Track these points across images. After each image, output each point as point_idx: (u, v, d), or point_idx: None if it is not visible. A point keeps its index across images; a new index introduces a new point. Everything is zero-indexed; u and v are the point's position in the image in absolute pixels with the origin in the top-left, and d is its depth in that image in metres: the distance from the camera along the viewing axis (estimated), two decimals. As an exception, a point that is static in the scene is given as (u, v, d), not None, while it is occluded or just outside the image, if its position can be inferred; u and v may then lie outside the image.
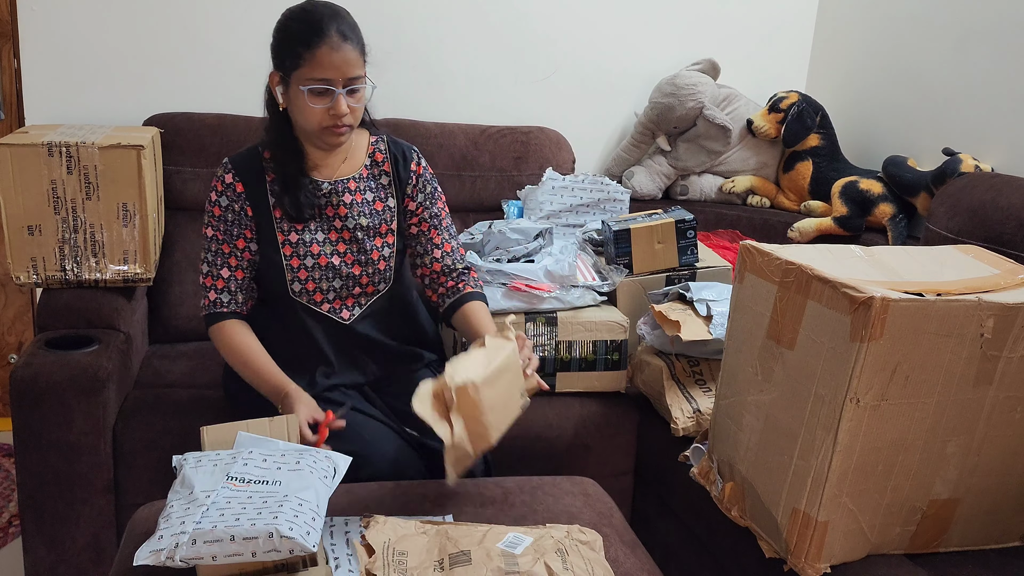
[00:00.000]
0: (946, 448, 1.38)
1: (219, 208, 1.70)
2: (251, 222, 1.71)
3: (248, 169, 1.71)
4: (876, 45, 2.72)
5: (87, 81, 2.43)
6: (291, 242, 1.72)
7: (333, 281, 1.75)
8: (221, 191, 1.70)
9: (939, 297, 1.28)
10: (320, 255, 1.73)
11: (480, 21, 2.71)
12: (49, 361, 1.80)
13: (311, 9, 1.64)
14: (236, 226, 1.70)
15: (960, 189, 2.05)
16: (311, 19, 1.61)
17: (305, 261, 1.72)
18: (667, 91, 2.69)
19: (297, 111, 1.65)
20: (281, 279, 1.72)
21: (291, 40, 1.61)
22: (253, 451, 1.36)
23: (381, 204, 1.78)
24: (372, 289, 1.79)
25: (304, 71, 1.60)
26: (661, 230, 2.14)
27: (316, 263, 1.73)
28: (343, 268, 1.75)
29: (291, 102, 1.66)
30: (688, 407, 1.89)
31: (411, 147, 1.84)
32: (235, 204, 1.69)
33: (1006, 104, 2.26)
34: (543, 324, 1.99)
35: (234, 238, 1.70)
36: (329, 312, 1.77)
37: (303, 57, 1.59)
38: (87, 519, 1.84)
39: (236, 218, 1.70)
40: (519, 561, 1.25)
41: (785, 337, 1.39)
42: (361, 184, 1.77)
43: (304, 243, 1.72)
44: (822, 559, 1.38)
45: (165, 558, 1.14)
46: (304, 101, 1.61)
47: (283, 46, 1.63)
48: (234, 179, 1.70)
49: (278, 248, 1.71)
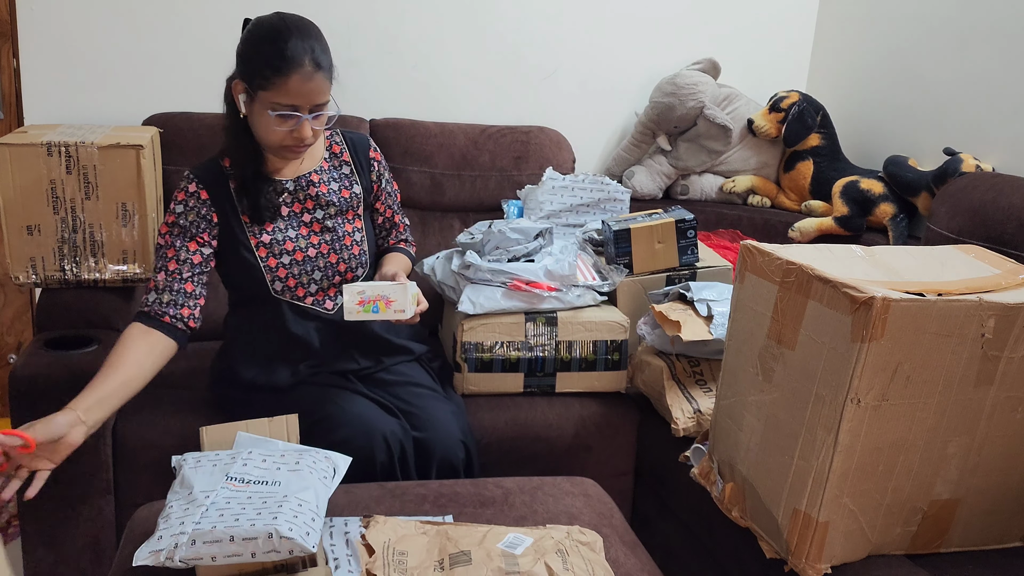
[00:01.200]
0: (947, 448, 1.38)
1: (174, 216, 1.69)
2: (214, 228, 1.71)
3: (211, 178, 1.71)
4: (877, 45, 2.72)
5: (86, 81, 2.43)
6: (264, 243, 1.73)
7: (312, 274, 1.77)
8: (182, 200, 1.69)
9: (940, 297, 1.28)
10: (295, 250, 1.75)
11: (480, 21, 2.70)
12: (48, 361, 1.80)
13: (283, 30, 1.58)
14: (190, 231, 1.68)
15: (961, 189, 2.05)
16: (283, 44, 1.56)
17: (282, 259, 1.74)
18: (667, 91, 2.69)
19: (259, 126, 1.64)
20: (261, 280, 1.74)
21: (261, 61, 1.57)
22: (252, 451, 1.36)
23: (347, 192, 1.83)
24: (351, 275, 1.82)
25: (271, 94, 1.58)
26: (661, 230, 2.14)
27: (293, 259, 1.75)
28: (319, 259, 1.77)
29: (253, 115, 1.64)
30: (688, 407, 1.89)
31: (364, 135, 1.91)
32: (199, 209, 1.69)
33: (1007, 104, 2.26)
34: (543, 324, 1.99)
35: (186, 240, 1.67)
36: (313, 304, 1.79)
37: (272, 81, 1.57)
38: (87, 519, 1.84)
39: (194, 223, 1.68)
40: (519, 561, 1.25)
41: (786, 337, 1.39)
42: (324, 176, 1.80)
43: (278, 242, 1.74)
44: (823, 559, 1.38)
45: (165, 558, 1.14)
46: (268, 121, 1.60)
47: (252, 63, 1.60)
48: (198, 187, 1.69)
49: (252, 251, 1.73)
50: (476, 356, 1.98)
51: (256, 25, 1.64)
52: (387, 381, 1.85)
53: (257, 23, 1.64)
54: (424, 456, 1.74)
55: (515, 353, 1.99)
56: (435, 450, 1.74)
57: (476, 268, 2.00)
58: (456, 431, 1.78)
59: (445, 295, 2.12)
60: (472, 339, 1.97)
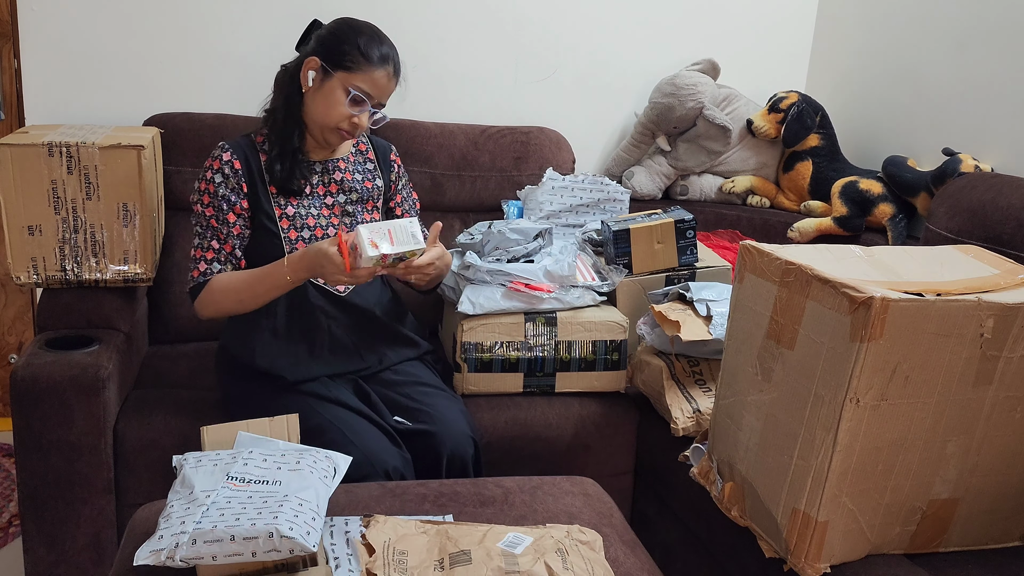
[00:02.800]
0: (946, 448, 1.38)
1: (212, 185, 1.77)
2: (245, 197, 1.78)
3: (243, 150, 1.80)
4: (876, 45, 2.72)
5: (87, 81, 2.43)
6: (288, 215, 1.80)
7: None
8: (217, 168, 1.77)
9: (939, 297, 1.29)
10: (316, 227, 1.82)
11: (480, 21, 2.71)
12: (49, 361, 1.80)
13: (383, 36, 1.78)
14: (227, 201, 1.77)
15: (960, 189, 2.05)
16: (383, 44, 1.76)
17: (302, 233, 1.81)
18: (667, 91, 2.69)
19: (324, 102, 1.75)
20: (279, 251, 1.79)
21: (356, 47, 1.73)
22: (253, 451, 1.36)
23: (369, 183, 1.91)
24: None
25: (354, 77, 1.73)
26: (661, 230, 2.14)
27: (313, 235, 1.82)
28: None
29: (321, 91, 1.75)
30: (688, 407, 1.89)
31: (388, 142, 2.03)
32: (230, 180, 1.77)
33: (1006, 104, 2.26)
34: (543, 324, 2.00)
35: (224, 212, 1.77)
36: (325, 284, 1.83)
37: (362, 67, 1.73)
38: (87, 519, 1.84)
39: (229, 193, 1.77)
40: (519, 561, 1.25)
41: (785, 337, 1.40)
42: (349, 165, 1.90)
43: (300, 216, 1.81)
44: (822, 559, 1.38)
45: (165, 558, 1.14)
46: (338, 98, 1.73)
47: (346, 46, 1.73)
48: (232, 156, 1.78)
49: (275, 221, 1.80)
50: (476, 356, 1.98)
51: (351, 21, 1.78)
52: (394, 381, 1.86)
53: (352, 20, 1.79)
54: (434, 452, 1.75)
55: (515, 353, 1.99)
56: (445, 446, 1.75)
57: (475, 269, 2.00)
58: (466, 427, 1.79)
59: (445, 295, 2.12)
60: (472, 339, 1.97)
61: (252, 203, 1.79)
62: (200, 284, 1.77)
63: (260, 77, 2.55)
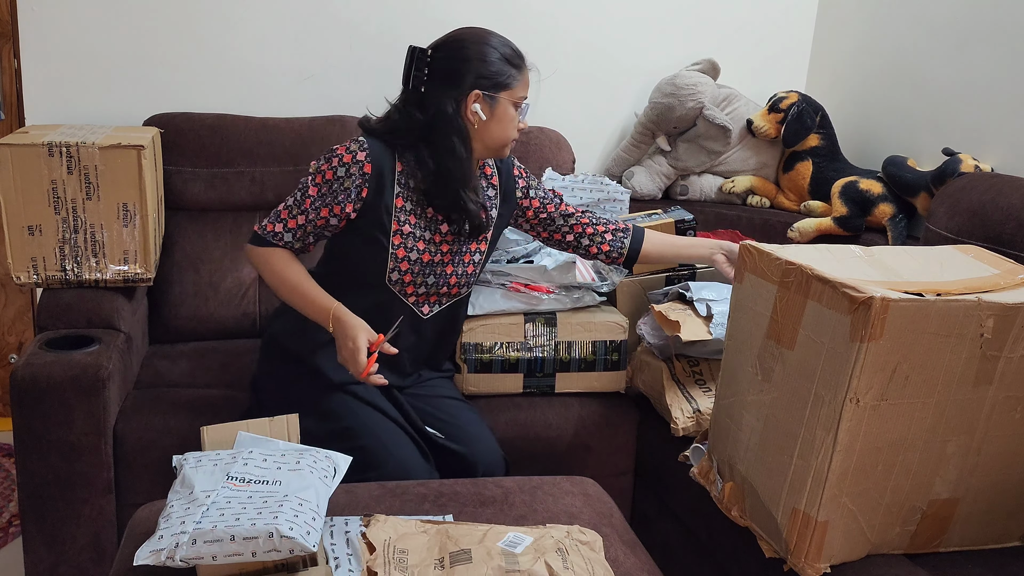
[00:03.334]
0: (946, 448, 1.38)
1: (332, 173, 1.70)
2: (359, 203, 1.72)
3: (380, 155, 1.72)
4: (876, 45, 2.72)
5: (87, 81, 2.43)
6: (403, 232, 1.75)
7: (428, 277, 1.79)
8: (347, 163, 1.70)
9: (939, 297, 1.29)
10: (424, 251, 1.77)
11: (479, 21, 2.70)
12: (49, 361, 1.80)
13: (500, 37, 1.78)
14: (335, 197, 1.70)
15: (960, 189, 2.05)
16: (508, 44, 1.77)
17: (410, 254, 1.76)
18: (667, 91, 2.69)
19: (499, 126, 1.75)
20: (383, 264, 1.75)
21: (499, 64, 1.73)
22: (253, 451, 1.36)
23: (484, 213, 1.82)
24: (456, 291, 1.85)
25: (517, 90, 1.76)
26: (661, 230, 2.14)
27: (419, 257, 1.77)
28: (439, 267, 1.79)
29: (494, 119, 1.74)
30: (688, 407, 1.89)
31: (509, 158, 1.93)
32: (353, 180, 1.70)
33: (1006, 104, 2.26)
34: (543, 324, 1.99)
35: (324, 205, 1.71)
36: (413, 304, 1.81)
37: (516, 78, 1.75)
38: (87, 519, 1.84)
39: (343, 191, 1.70)
40: (519, 560, 1.25)
41: (785, 337, 1.40)
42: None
43: (414, 236, 1.76)
44: (822, 559, 1.38)
45: (165, 558, 1.14)
46: (511, 116, 1.76)
47: (492, 67, 1.72)
48: (367, 159, 1.70)
49: (389, 234, 1.74)
50: (476, 357, 1.98)
51: (467, 38, 1.77)
52: (421, 395, 1.86)
53: (466, 38, 1.77)
54: (466, 470, 1.77)
55: (515, 354, 1.99)
56: (478, 465, 1.77)
57: (476, 268, 2.00)
58: (496, 446, 1.82)
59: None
60: (472, 340, 1.97)
61: (369, 212, 1.72)
62: (266, 240, 1.73)
63: (260, 77, 2.56)
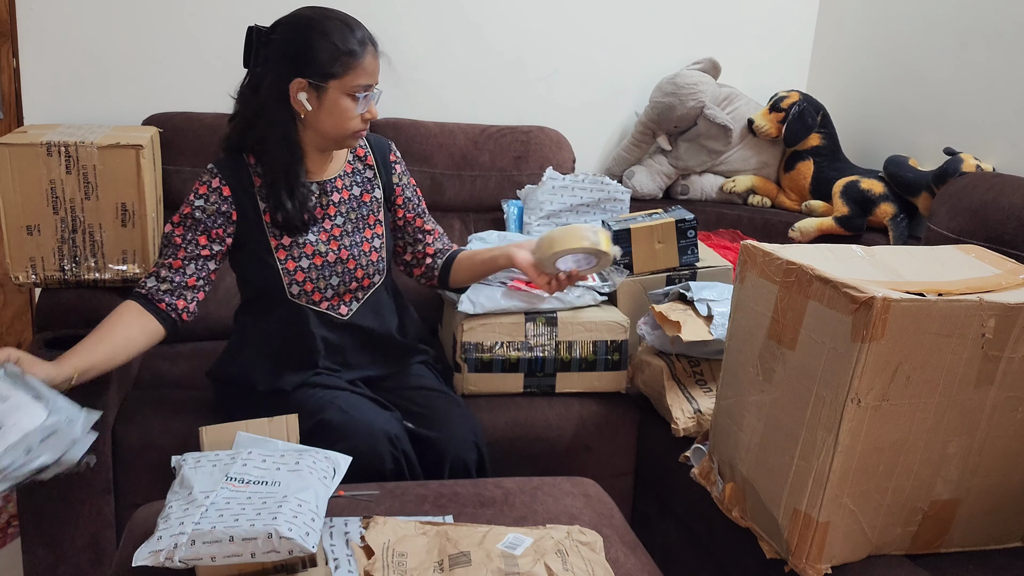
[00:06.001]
0: (947, 448, 1.38)
1: (190, 207, 1.66)
2: (231, 225, 1.69)
3: (234, 174, 1.69)
4: (877, 45, 2.72)
5: (86, 81, 2.43)
6: (284, 245, 1.71)
7: (331, 279, 1.76)
8: (204, 194, 1.67)
9: (940, 297, 1.28)
10: (315, 255, 1.73)
11: (480, 21, 2.70)
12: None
13: (342, 18, 1.64)
14: (204, 224, 1.66)
15: (961, 189, 2.05)
16: (349, 29, 1.63)
17: (301, 263, 1.72)
18: (668, 90, 2.69)
19: (331, 117, 1.65)
20: (278, 282, 1.72)
21: (331, 51, 1.61)
22: (252, 452, 1.36)
23: (368, 196, 1.81)
24: (368, 282, 1.81)
25: (349, 78, 1.62)
26: (661, 230, 2.14)
27: (312, 263, 1.73)
28: (338, 264, 1.75)
29: (323, 108, 1.64)
30: (689, 407, 1.89)
31: (385, 139, 1.89)
32: (219, 205, 1.67)
33: (1007, 104, 2.25)
34: (543, 324, 1.99)
35: (197, 234, 1.66)
36: (328, 309, 1.77)
37: (349, 65, 1.61)
38: (86, 519, 1.84)
39: (210, 217, 1.67)
40: (519, 562, 1.25)
41: (786, 337, 1.39)
42: (347, 180, 1.79)
43: (298, 245, 1.72)
44: (823, 560, 1.38)
45: (164, 559, 1.14)
46: (345, 107, 1.63)
47: (319, 55, 1.61)
48: (221, 183, 1.67)
49: (271, 252, 1.71)
50: (476, 356, 1.97)
51: (301, 21, 1.64)
52: (398, 385, 1.84)
53: (300, 20, 1.65)
54: (436, 457, 1.73)
55: (515, 353, 1.99)
56: (447, 451, 1.73)
57: (476, 268, 2.00)
58: (468, 433, 1.77)
59: (445, 295, 2.12)
60: (472, 339, 1.97)
61: (245, 232, 1.69)
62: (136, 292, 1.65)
63: (260, 77, 2.56)
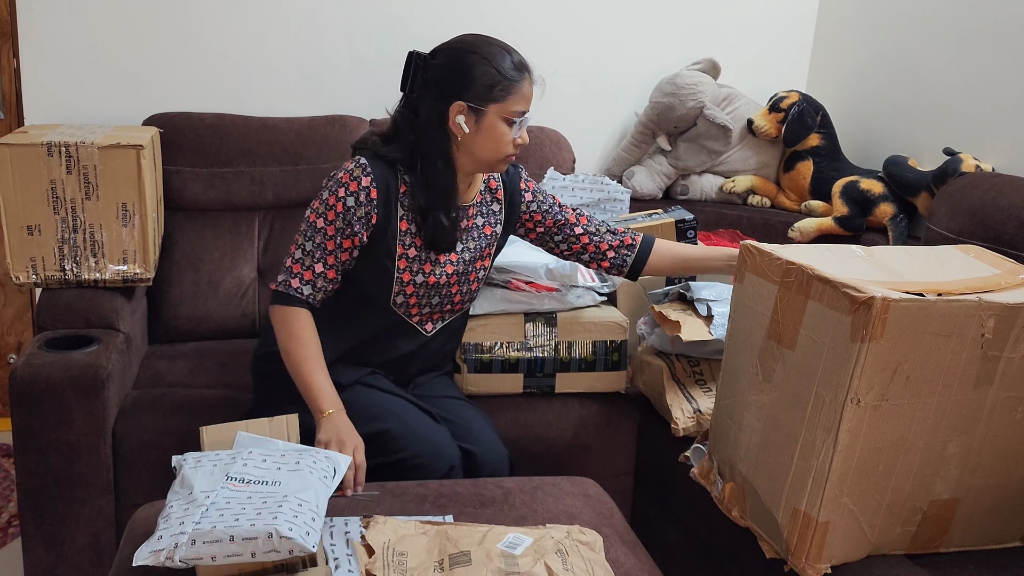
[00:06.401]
0: (947, 448, 1.38)
1: (343, 205, 1.65)
2: (370, 228, 1.68)
3: (384, 177, 1.68)
4: (877, 45, 2.72)
5: (87, 81, 2.43)
6: (408, 256, 1.72)
7: (432, 299, 1.78)
8: (354, 191, 1.65)
9: (940, 297, 1.28)
10: (431, 275, 1.74)
11: (479, 21, 2.69)
12: (49, 361, 1.80)
13: (502, 45, 1.68)
14: (351, 227, 1.66)
15: (961, 189, 2.05)
16: (509, 55, 1.66)
17: (416, 278, 1.73)
18: (667, 91, 2.69)
19: (488, 140, 1.66)
20: (388, 288, 1.72)
21: (493, 75, 1.63)
22: (253, 451, 1.36)
23: (490, 229, 1.82)
24: (460, 308, 1.85)
25: (509, 103, 1.65)
26: (661, 230, 2.14)
27: (425, 281, 1.74)
28: (445, 287, 1.77)
29: (480, 132, 1.66)
30: (688, 407, 1.89)
31: (518, 166, 1.88)
32: (363, 208, 1.66)
33: (1007, 104, 2.25)
34: (543, 324, 1.99)
35: (344, 237, 1.66)
36: (417, 324, 1.80)
37: (509, 91, 1.64)
38: (87, 519, 1.84)
39: (356, 221, 1.66)
40: (519, 562, 1.25)
41: (786, 337, 1.39)
42: (475, 210, 1.80)
43: (419, 260, 1.73)
44: (823, 559, 1.38)
45: (164, 558, 1.14)
46: (502, 131, 1.66)
47: (484, 79, 1.63)
48: (371, 184, 1.66)
49: (394, 259, 1.71)
50: (476, 357, 1.98)
51: (464, 47, 1.67)
52: (425, 395, 1.85)
53: (462, 45, 1.68)
54: (471, 468, 1.75)
55: (515, 354, 1.99)
56: (484, 464, 1.75)
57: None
58: (501, 446, 1.80)
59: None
60: (472, 339, 1.97)
61: (376, 235, 1.68)
62: (288, 296, 1.65)
63: (260, 77, 2.56)
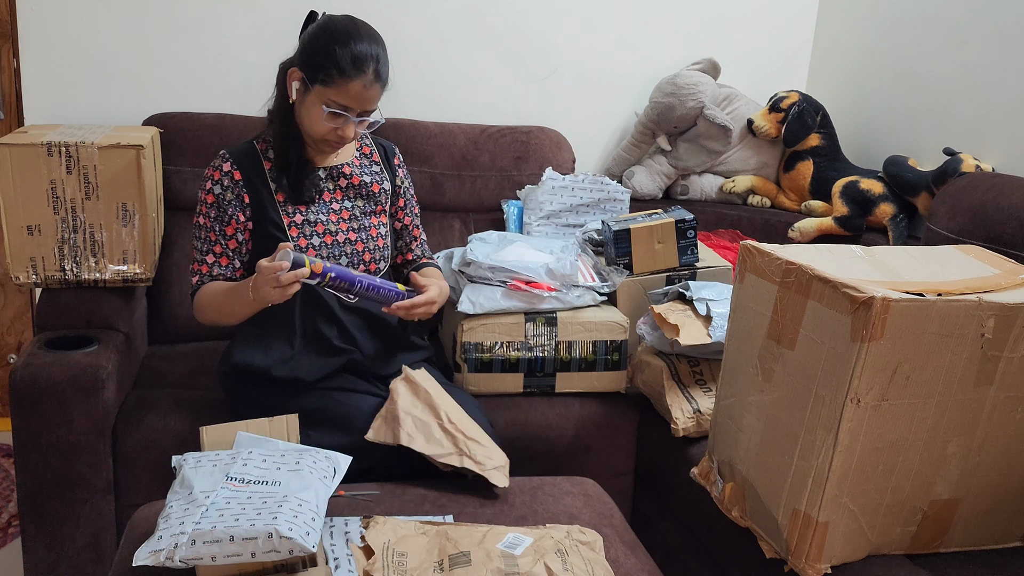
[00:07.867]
0: (947, 448, 1.38)
1: (212, 196, 1.74)
2: (246, 209, 1.74)
3: (245, 158, 1.76)
4: (877, 45, 2.72)
5: (87, 81, 2.43)
6: (296, 223, 1.77)
7: (340, 259, 1.80)
8: (217, 179, 1.74)
9: (940, 297, 1.28)
10: (325, 233, 1.78)
11: (479, 21, 2.70)
12: (49, 361, 1.80)
13: (356, 35, 1.65)
14: (226, 213, 1.74)
15: (961, 189, 2.05)
16: (354, 49, 1.63)
17: (312, 240, 1.77)
18: (667, 91, 2.69)
19: (307, 116, 1.70)
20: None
21: (327, 59, 1.63)
22: (252, 451, 1.36)
23: (377, 187, 1.87)
24: (375, 267, 1.85)
25: (330, 92, 1.65)
26: (661, 230, 2.14)
27: (323, 241, 1.78)
28: (347, 245, 1.80)
29: (303, 105, 1.70)
30: (688, 407, 1.89)
31: (392, 144, 1.96)
32: (231, 191, 1.73)
33: (1007, 104, 2.26)
34: (543, 324, 1.99)
35: (224, 224, 1.74)
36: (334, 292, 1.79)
37: (334, 81, 1.64)
38: (87, 519, 1.84)
39: (228, 205, 1.73)
40: (519, 562, 1.25)
41: (785, 337, 1.39)
42: (355, 168, 1.85)
43: (309, 223, 1.77)
44: (823, 559, 1.38)
45: (164, 558, 1.14)
46: (317, 114, 1.67)
47: (317, 58, 1.65)
48: (232, 167, 1.74)
49: (284, 230, 1.75)
50: (476, 356, 1.98)
51: (328, 23, 1.68)
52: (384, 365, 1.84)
53: (329, 21, 1.69)
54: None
55: (515, 353, 1.99)
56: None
57: (476, 265, 2.00)
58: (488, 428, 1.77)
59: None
60: (472, 339, 1.97)
61: (256, 213, 1.74)
62: (193, 293, 1.77)
63: (260, 77, 2.54)
